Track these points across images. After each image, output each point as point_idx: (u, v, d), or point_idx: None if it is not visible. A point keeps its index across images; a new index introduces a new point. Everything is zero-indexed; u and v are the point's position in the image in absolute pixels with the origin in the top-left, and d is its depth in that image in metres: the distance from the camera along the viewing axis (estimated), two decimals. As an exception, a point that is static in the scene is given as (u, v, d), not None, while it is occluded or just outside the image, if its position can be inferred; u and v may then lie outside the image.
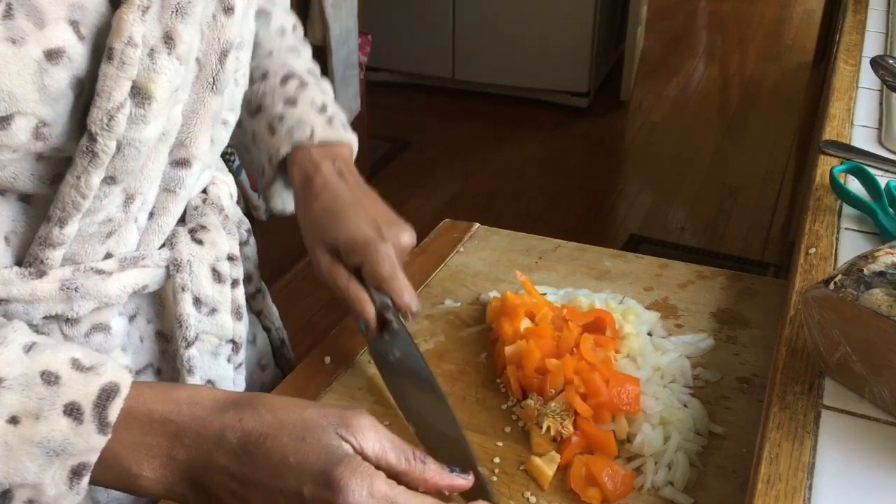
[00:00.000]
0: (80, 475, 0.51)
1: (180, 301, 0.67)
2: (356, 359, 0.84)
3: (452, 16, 3.85)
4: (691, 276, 0.95)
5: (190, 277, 0.67)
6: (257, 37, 0.83)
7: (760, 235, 2.99)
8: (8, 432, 0.50)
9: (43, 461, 0.50)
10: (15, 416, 0.50)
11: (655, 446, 0.70)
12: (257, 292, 0.85)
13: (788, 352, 0.68)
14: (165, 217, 0.66)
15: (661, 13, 5.24)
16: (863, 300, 0.60)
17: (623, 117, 3.90)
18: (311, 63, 0.89)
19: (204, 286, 0.68)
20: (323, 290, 2.77)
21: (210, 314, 0.69)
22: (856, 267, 0.63)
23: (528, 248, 1.02)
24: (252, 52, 0.81)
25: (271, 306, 0.89)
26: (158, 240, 0.66)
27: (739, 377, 0.79)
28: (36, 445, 0.50)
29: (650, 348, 0.81)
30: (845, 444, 0.59)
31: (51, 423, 0.50)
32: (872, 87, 1.18)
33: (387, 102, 3.99)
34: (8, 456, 0.50)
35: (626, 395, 0.72)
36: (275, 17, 0.85)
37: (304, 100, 0.82)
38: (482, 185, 3.32)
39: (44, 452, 0.50)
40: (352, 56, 2.54)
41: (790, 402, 0.63)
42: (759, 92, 4.18)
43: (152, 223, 0.65)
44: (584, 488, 0.67)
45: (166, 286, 0.67)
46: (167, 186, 0.64)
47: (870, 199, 0.87)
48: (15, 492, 0.51)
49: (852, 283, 0.61)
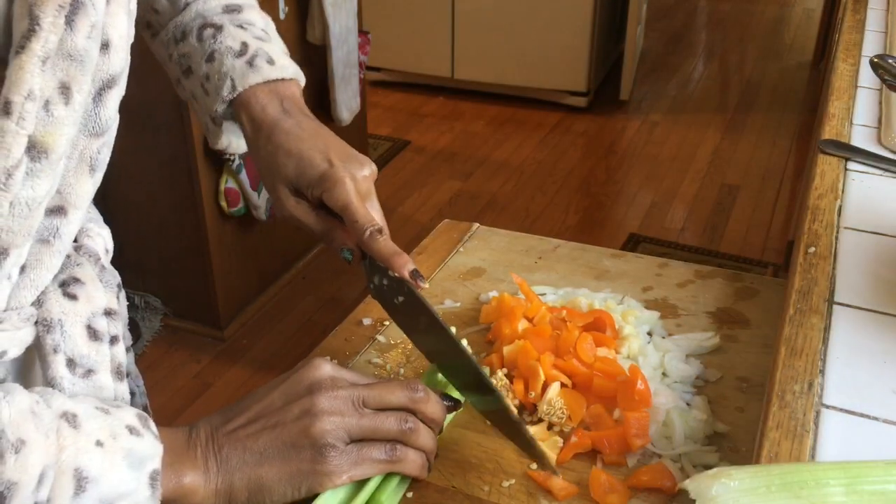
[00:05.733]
0: (155, 480, 0.57)
1: (52, 363, 0.59)
2: (356, 359, 0.84)
3: (452, 15, 3.84)
4: (691, 276, 0.95)
5: (62, 337, 0.60)
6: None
7: (760, 235, 2.99)
8: (100, 453, 0.55)
9: (130, 471, 0.56)
10: (99, 439, 0.55)
11: (661, 445, 0.71)
12: (126, 352, 0.77)
13: (788, 351, 0.68)
14: (39, 270, 0.58)
15: (661, 12, 5.24)
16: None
17: (622, 117, 3.90)
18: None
19: (79, 345, 0.61)
20: (323, 289, 2.77)
21: (86, 375, 0.61)
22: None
23: (528, 248, 1.02)
24: (171, 5, 0.81)
25: (136, 368, 0.82)
26: (32, 295, 0.58)
27: (739, 376, 0.80)
28: (123, 459, 0.55)
29: (650, 348, 0.81)
30: (845, 443, 0.60)
31: (123, 440, 0.56)
32: (872, 86, 1.18)
33: (386, 102, 3.99)
34: (107, 472, 0.54)
35: (639, 395, 0.73)
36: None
37: (221, 49, 0.78)
38: (482, 185, 3.32)
39: (128, 464, 0.55)
40: (351, 55, 2.54)
41: (790, 402, 0.63)
42: (759, 91, 4.18)
43: (24, 277, 0.57)
44: (604, 495, 0.67)
45: (35, 348, 0.60)
46: (41, 237, 0.57)
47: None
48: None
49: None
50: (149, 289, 2.45)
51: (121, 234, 2.71)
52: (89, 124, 0.56)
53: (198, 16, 0.80)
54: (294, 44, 2.40)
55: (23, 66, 0.48)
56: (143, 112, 2.11)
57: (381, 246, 0.70)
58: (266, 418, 0.62)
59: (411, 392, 0.65)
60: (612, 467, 0.70)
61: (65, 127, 0.52)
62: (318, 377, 0.63)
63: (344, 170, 0.73)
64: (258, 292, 2.54)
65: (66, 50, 0.51)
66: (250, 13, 0.83)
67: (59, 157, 0.52)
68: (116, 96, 0.58)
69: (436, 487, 0.68)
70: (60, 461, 0.52)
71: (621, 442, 0.70)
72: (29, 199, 0.52)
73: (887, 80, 1.06)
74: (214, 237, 2.28)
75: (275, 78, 0.78)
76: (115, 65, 0.56)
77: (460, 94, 4.02)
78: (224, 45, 0.78)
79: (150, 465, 0.56)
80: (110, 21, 0.55)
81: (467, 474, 0.70)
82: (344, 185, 0.72)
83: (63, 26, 0.50)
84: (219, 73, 0.78)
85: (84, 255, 0.65)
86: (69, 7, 0.50)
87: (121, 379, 0.64)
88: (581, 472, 0.69)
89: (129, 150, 2.19)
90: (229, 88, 0.78)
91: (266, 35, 0.82)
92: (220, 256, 2.31)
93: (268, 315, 2.53)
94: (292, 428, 0.61)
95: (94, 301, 0.62)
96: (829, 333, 0.70)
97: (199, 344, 2.41)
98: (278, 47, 0.82)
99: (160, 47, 0.84)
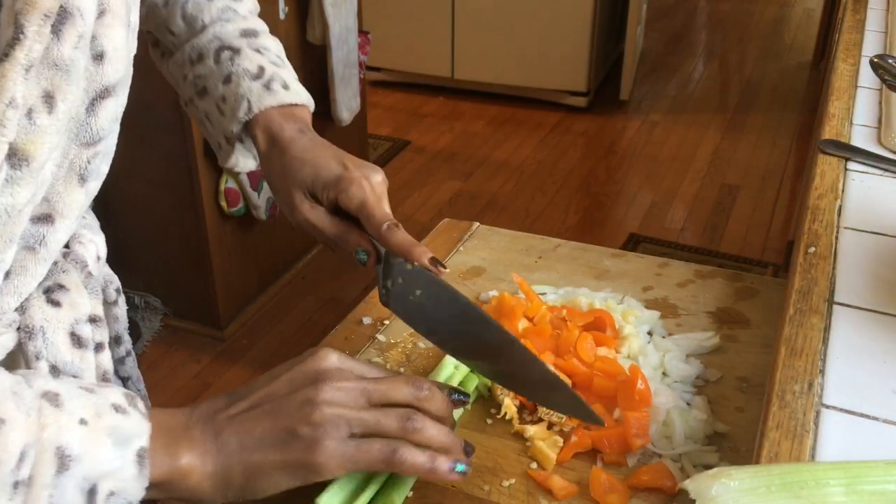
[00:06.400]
0: (142, 458, 0.56)
1: (35, 370, 0.59)
2: (356, 358, 0.84)
3: (452, 15, 3.84)
4: (691, 276, 0.95)
5: (44, 344, 0.60)
6: (187, 10, 0.82)
7: (760, 235, 2.99)
8: (84, 431, 0.54)
9: (115, 449, 0.55)
10: (83, 418, 0.54)
11: (661, 445, 0.71)
12: (127, 356, 0.78)
13: (788, 351, 0.68)
14: (23, 277, 0.58)
15: (661, 12, 5.24)
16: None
17: (622, 116, 3.90)
18: (248, 13, 0.85)
19: (62, 352, 0.61)
20: (323, 289, 2.77)
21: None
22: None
23: (528, 247, 1.02)
24: (188, 27, 0.82)
25: (138, 372, 0.82)
26: (14, 301, 0.58)
27: (739, 376, 0.80)
28: (107, 436, 0.55)
29: (651, 348, 0.81)
30: (845, 443, 0.60)
31: (108, 418, 0.55)
32: (872, 86, 1.18)
33: (386, 102, 3.99)
34: (90, 450, 0.54)
35: (639, 395, 0.73)
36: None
37: (239, 71, 0.80)
38: (482, 185, 3.32)
39: (113, 442, 0.55)
40: (351, 55, 2.54)
41: (790, 402, 0.63)
42: (759, 91, 4.18)
43: (8, 283, 0.57)
44: (604, 495, 0.67)
45: (17, 354, 0.60)
46: (26, 244, 0.57)
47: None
48: (99, 484, 0.54)
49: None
50: (149, 289, 2.45)
51: (121, 233, 2.71)
52: (81, 133, 0.56)
53: (215, 38, 0.82)
54: (294, 44, 2.40)
55: (5, 73, 0.48)
56: (143, 112, 2.11)
57: (400, 238, 0.71)
58: (269, 404, 0.61)
59: (416, 390, 0.64)
60: (612, 467, 0.70)
61: (47, 136, 0.52)
62: (325, 367, 0.63)
63: (359, 172, 0.74)
64: (258, 292, 2.54)
65: (51, 59, 0.51)
66: (265, 38, 0.85)
67: (40, 165, 0.52)
68: (112, 107, 0.58)
69: (436, 487, 0.68)
70: (42, 439, 0.51)
71: (621, 442, 0.70)
72: (8, 206, 0.52)
73: (887, 80, 1.06)
74: (214, 237, 2.28)
75: (289, 102, 0.80)
76: (111, 76, 0.56)
77: (460, 94, 4.02)
78: (241, 68, 0.80)
79: (136, 442, 0.56)
80: (105, 32, 0.55)
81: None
82: (360, 185, 0.73)
83: (49, 35, 0.50)
84: (235, 95, 0.80)
85: (71, 261, 0.65)
86: (55, 16, 0.50)
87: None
88: (581, 471, 0.69)
89: (130, 149, 2.19)
90: (245, 109, 0.79)
91: (280, 61, 0.84)
92: (220, 256, 2.31)
93: (268, 315, 2.53)
94: (293, 416, 0.60)
95: (78, 308, 0.62)
96: (829, 333, 0.70)
97: (199, 344, 2.41)
98: (291, 74, 0.84)
99: (174, 67, 0.86)
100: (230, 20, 0.83)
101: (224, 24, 0.83)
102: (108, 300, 0.71)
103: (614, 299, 0.89)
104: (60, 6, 0.50)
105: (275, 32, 0.87)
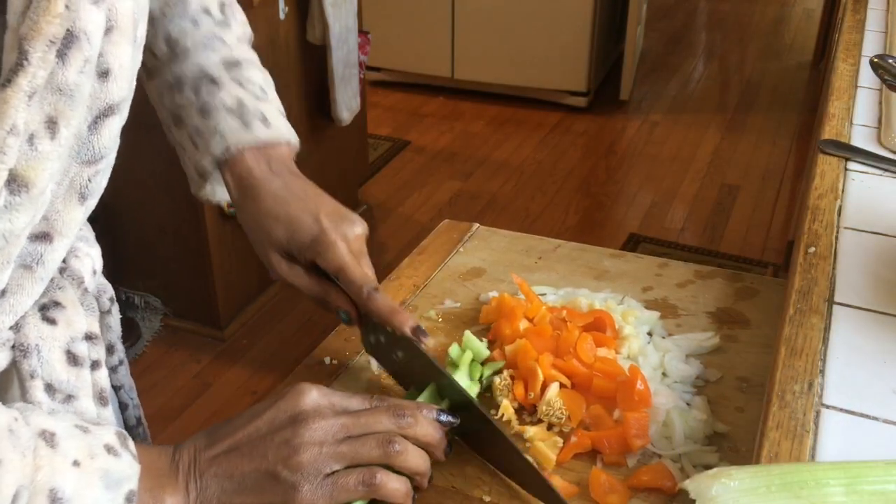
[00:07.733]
0: (131, 501, 0.56)
1: (29, 388, 0.58)
2: (356, 359, 0.84)
3: (452, 15, 3.84)
4: (691, 276, 0.95)
5: (39, 363, 0.58)
6: (171, 34, 0.79)
7: (760, 235, 2.99)
8: (76, 473, 0.54)
9: (105, 492, 0.55)
10: (77, 459, 0.54)
11: (661, 445, 0.71)
12: (119, 364, 0.75)
13: (788, 351, 0.68)
14: (20, 296, 0.56)
15: (661, 12, 5.24)
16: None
17: (622, 117, 3.90)
18: (235, 41, 0.82)
19: (57, 371, 0.59)
20: (322, 289, 2.65)
21: (66, 401, 0.60)
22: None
23: (528, 248, 1.02)
24: (170, 51, 0.80)
25: (131, 381, 0.79)
26: (10, 320, 0.57)
27: (739, 376, 0.80)
28: (99, 479, 0.55)
29: (650, 348, 0.81)
30: (845, 443, 0.60)
31: (100, 460, 0.55)
32: (872, 86, 1.18)
33: (386, 102, 3.99)
34: (82, 493, 0.53)
35: (639, 395, 0.72)
36: (192, 2, 0.80)
37: (217, 105, 0.77)
38: (481, 185, 3.32)
39: (105, 485, 0.55)
40: (351, 55, 2.54)
41: (790, 402, 0.63)
42: (759, 91, 4.18)
43: (4, 302, 0.56)
44: (604, 495, 0.67)
45: (11, 372, 0.59)
46: (23, 262, 0.56)
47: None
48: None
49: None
50: (149, 289, 2.45)
51: (121, 234, 2.70)
52: (83, 152, 0.55)
53: (195, 66, 0.79)
54: (294, 44, 2.40)
55: (7, 100, 0.47)
56: (143, 112, 2.11)
57: (380, 305, 0.71)
58: (248, 445, 0.61)
59: (398, 419, 0.64)
60: (612, 467, 0.70)
61: (48, 161, 0.50)
62: (302, 406, 0.62)
63: (335, 232, 0.73)
64: (258, 292, 2.54)
65: (55, 84, 0.49)
66: (250, 70, 0.81)
67: (40, 191, 0.51)
68: (115, 124, 0.56)
69: (436, 488, 0.68)
70: (35, 481, 0.51)
71: (621, 442, 0.70)
72: (6, 231, 0.50)
73: (887, 80, 1.06)
74: (214, 237, 2.28)
75: (266, 140, 0.78)
76: (115, 94, 0.54)
77: (460, 94, 4.02)
78: (219, 101, 0.77)
79: (126, 485, 0.56)
80: (111, 50, 0.53)
81: (467, 475, 0.70)
82: (336, 248, 0.72)
83: (54, 61, 0.48)
84: (210, 129, 0.77)
85: (67, 277, 0.63)
86: (61, 42, 0.48)
87: (104, 404, 0.63)
88: (581, 472, 0.69)
89: (129, 150, 2.18)
90: (220, 145, 0.77)
91: (263, 94, 0.81)
92: (220, 256, 2.31)
93: (268, 315, 2.53)
94: (272, 459, 0.60)
95: (73, 326, 0.61)
96: (829, 333, 0.70)
97: (199, 344, 2.41)
98: (274, 106, 0.81)
99: (154, 90, 0.83)
100: (214, 49, 0.80)
101: (209, 52, 0.79)
102: (101, 309, 0.69)
103: (614, 300, 0.89)
104: (67, 30, 0.48)
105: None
